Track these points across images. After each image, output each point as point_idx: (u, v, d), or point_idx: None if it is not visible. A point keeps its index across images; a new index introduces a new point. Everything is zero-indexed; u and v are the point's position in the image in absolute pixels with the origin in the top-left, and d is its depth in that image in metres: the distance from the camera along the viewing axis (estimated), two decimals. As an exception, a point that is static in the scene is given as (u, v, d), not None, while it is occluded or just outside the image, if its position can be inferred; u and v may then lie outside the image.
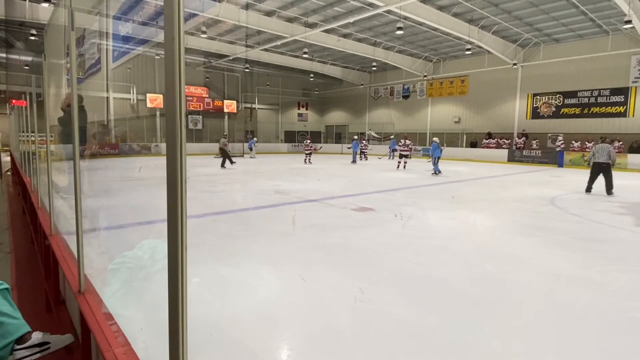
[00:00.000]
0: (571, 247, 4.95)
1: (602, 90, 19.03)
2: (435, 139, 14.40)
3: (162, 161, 0.91)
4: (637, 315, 3.09)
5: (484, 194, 9.73)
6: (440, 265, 4.22)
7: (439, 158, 13.80)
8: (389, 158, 22.89)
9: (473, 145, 23.33)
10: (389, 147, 23.84)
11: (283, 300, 3.27)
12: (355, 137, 20.57)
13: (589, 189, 9.63)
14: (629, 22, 14.82)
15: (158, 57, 23.74)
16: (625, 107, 18.41)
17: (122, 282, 2.74)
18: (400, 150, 15.72)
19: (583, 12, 16.02)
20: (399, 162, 15.83)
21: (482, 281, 3.75)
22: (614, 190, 9.39)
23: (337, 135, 32.06)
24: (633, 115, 18.17)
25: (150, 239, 3.93)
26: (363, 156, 21.53)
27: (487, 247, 4.94)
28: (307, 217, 6.50)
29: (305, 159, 18.68)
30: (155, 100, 25.13)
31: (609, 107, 18.89)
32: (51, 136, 3.51)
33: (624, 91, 18.36)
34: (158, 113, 25.39)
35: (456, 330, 2.79)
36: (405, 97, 28.29)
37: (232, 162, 16.17)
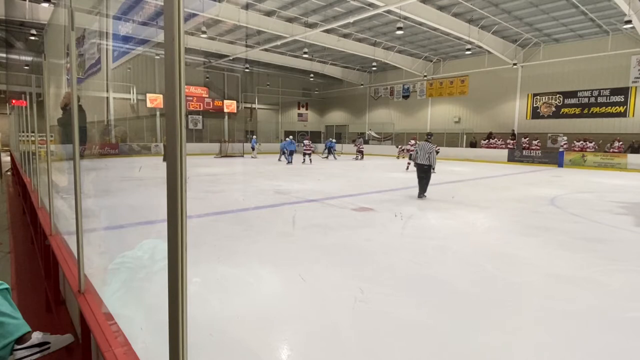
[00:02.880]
0: (571, 247, 4.95)
1: (602, 90, 19.02)
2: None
3: (162, 161, 0.91)
4: (638, 315, 3.09)
5: (483, 194, 9.73)
6: (441, 266, 4.22)
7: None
8: (324, 157, 22.80)
9: (472, 145, 23.33)
10: (325, 145, 23.26)
11: (283, 300, 3.27)
12: (290, 136, 20.14)
13: (420, 194, 8.51)
14: (629, 22, 14.82)
15: (158, 57, 23.74)
16: (625, 107, 18.41)
17: (122, 282, 2.74)
18: (410, 151, 15.20)
19: (583, 12, 16.02)
20: (409, 164, 14.95)
21: (482, 281, 3.75)
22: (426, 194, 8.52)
23: (337, 135, 32.06)
24: (633, 115, 18.17)
25: (150, 238, 3.93)
26: (308, 158, 19.01)
27: (487, 247, 4.94)
28: (307, 217, 6.50)
29: (304, 159, 18.66)
30: (155, 100, 25.14)
31: (609, 107, 18.89)
32: (51, 136, 3.51)
33: (624, 91, 18.36)
34: (158, 113, 25.40)
35: (457, 330, 2.79)
36: (405, 97, 28.29)
37: (165, 160, 15.85)
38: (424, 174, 8.42)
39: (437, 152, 9.38)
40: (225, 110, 29.10)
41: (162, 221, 0.96)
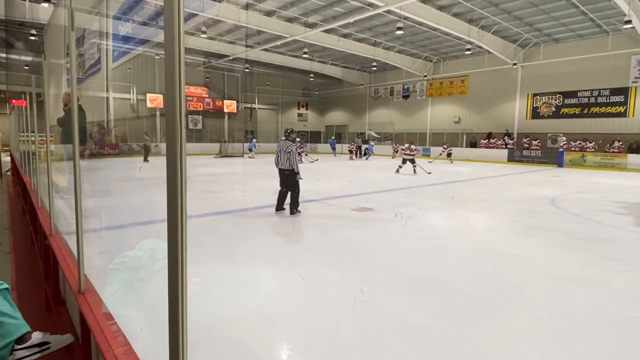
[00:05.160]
0: (571, 247, 4.95)
1: (602, 90, 19.02)
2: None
3: (162, 161, 0.91)
4: (639, 315, 3.09)
5: (483, 194, 9.72)
6: (441, 266, 4.21)
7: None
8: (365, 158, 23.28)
9: (473, 145, 23.34)
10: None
11: (283, 300, 3.27)
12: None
13: (277, 208, 6.61)
14: (629, 22, 14.81)
15: (158, 57, 23.74)
16: (625, 107, 18.41)
17: (122, 282, 2.75)
18: (404, 155, 14.43)
19: (583, 12, 16.01)
20: (400, 167, 14.38)
21: (482, 281, 3.75)
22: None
23: (337, 135, 32.07)
24: (633, 115, 18.17)
25: (150, 238, 3.94)
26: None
27: (487, 247, 4.94)
28: (307, 217, 6.50)
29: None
30: (155, 100, 25.14)
31: (609, 107, 18.89)
32: (51, 136, 3.51)
33: (624, 91, 18.36)
34: (158, 113, 25.40)
35: (457, 330, 2.79)
36: (405, 97, 28.29)
37: (145, 160, 15.57)
38: (287, 181, 6.44)
39: (301, 154, 8.47)
40: (225, 110, 29.10)
41: (162, 221, 0.96)
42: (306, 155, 20.56)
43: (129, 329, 1.64)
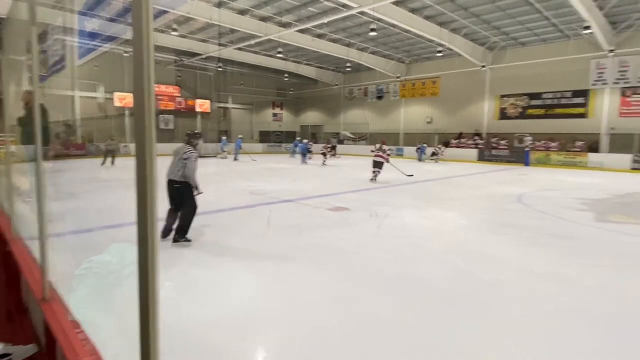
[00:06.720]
0: (539, 243, 5.16)
1: (564, 92, 19.96)
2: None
3: (131, 162, 0.88)
4: (607, 311, 3.25)
5: (455, 192, 9.99)
6: (415, 264, 4.29)
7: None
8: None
9: (446, 145, 23.91)
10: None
11: (259, 302, 3.24)
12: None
13: (164, 232, 4.76)
14: (588, 27, 15.63)
15: (127, 55, 22.98)
16: (585, 108, 19.38)
17: (89, 288, 2.64)
18: (375, 157, 11.56)
19: (546, 17, 16.73)
20: (375, 172, 11.55)
21: (457, 279, 3.85)
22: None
23: (312, 135, 32.09)
24: (593, 116, 19.13)
25: (120, 242, 3.81)
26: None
27: (459, 245, 5.07)
28: (282, 218, 6.47)
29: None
30: (124, 99, 24.34)
31: (571, 108, 19.83)
32: (12, 136, 3.34)
33: (584, 93, 19.32)
34: (127, 112, 24.61)
35: (433, 327, 2.85)
36: (379, 97, 28.66)
37: (103, 164, 14.98)
38: (178, 198, 4.81)
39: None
40: (198, 109, 28.55)
41: (131, 224, 0.93)
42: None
43: (97, 336, 1.58)
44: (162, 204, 4.11)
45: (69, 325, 1.62)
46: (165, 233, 4.77)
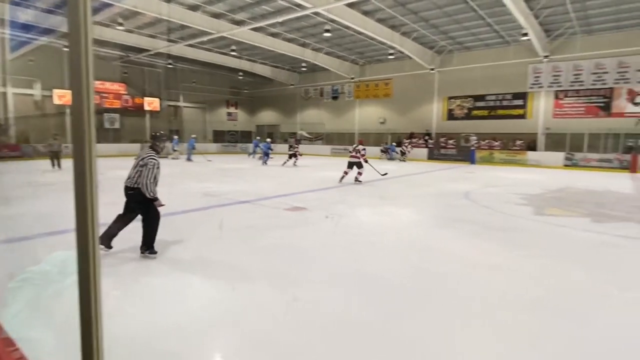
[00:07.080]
0: (484, 236, 5.47)
1: (505, 95, 21.36)
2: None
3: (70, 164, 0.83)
4: (543, 295, 3.50)
5: (407, 190, 10.34)
6: (372, 260, 4.38)
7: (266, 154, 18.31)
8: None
9: (399, 144, 24.67)
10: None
11: (215, 307, 3.15)
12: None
13: (104, 238, 4.29)
14: (526, 34, 16.81)
15: (67, 50, 21.43)
16: (524, 109, 20.86)
17: (26, 302, 2.44)
18: (352, 157, 11.17)
19: (489, 23, 17.77)
20: (345, 173, 11.39)
21: (410, 274, 3.98)
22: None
23: (268, 135, 31.80)
24: (531, 117, 20.63)
25: (61, 250, 3.55)
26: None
27: (412, 240, 5.26)
28: (239, 219, 6.34)
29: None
30: (64, 96, 22.69)
31: (512, 110, 21.26)
32: None
33: (523, 96, 20.79)
34: (68, 111, 22.96)
35: (391, 322, 2.93)
36: (335, 98, 28.99)
37: (53, 167, 14.11)
38: (134, 206, 4.45)
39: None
40: (147, 108, 27.25)
41: (73, 230, 0.86)
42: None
43: (35, 354, 1.45)
44: (112, 209, 3.88)
45: (1, 343, 1.48)
46: (105, 240, 4.24)
